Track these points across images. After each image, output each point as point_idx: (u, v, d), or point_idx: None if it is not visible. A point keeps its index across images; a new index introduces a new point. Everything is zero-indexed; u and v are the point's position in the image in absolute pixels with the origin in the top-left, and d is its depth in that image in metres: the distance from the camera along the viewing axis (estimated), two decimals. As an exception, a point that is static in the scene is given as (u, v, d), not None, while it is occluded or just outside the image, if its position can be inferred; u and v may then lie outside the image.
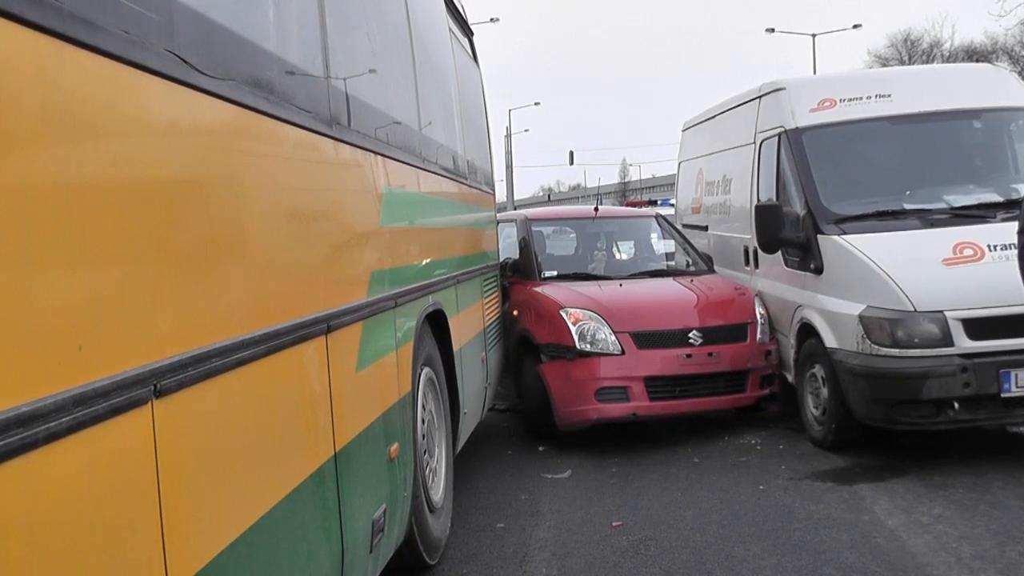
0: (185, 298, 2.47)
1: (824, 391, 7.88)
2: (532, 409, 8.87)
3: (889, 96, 8.79)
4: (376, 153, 4.60)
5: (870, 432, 7.71)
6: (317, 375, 3.48)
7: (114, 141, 2.20)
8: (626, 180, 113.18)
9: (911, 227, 7.75)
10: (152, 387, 2.22)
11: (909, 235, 7.66)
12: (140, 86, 2.31)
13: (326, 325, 3.53)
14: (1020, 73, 43.49)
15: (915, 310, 7.04)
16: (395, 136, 5.14)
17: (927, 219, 7.82)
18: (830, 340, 7.69)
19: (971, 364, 6.89)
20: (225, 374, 2.62)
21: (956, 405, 6.94)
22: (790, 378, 8.80)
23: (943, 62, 54.08)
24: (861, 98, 8.79)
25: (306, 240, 3.49)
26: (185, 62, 2.52)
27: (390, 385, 4.63)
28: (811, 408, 8.22)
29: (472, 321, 7.55)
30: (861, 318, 7.27)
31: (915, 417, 7.07)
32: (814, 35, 51.20)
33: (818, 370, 7.99)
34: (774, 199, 8.85)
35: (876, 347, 7.15)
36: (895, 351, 7.06)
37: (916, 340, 7.01)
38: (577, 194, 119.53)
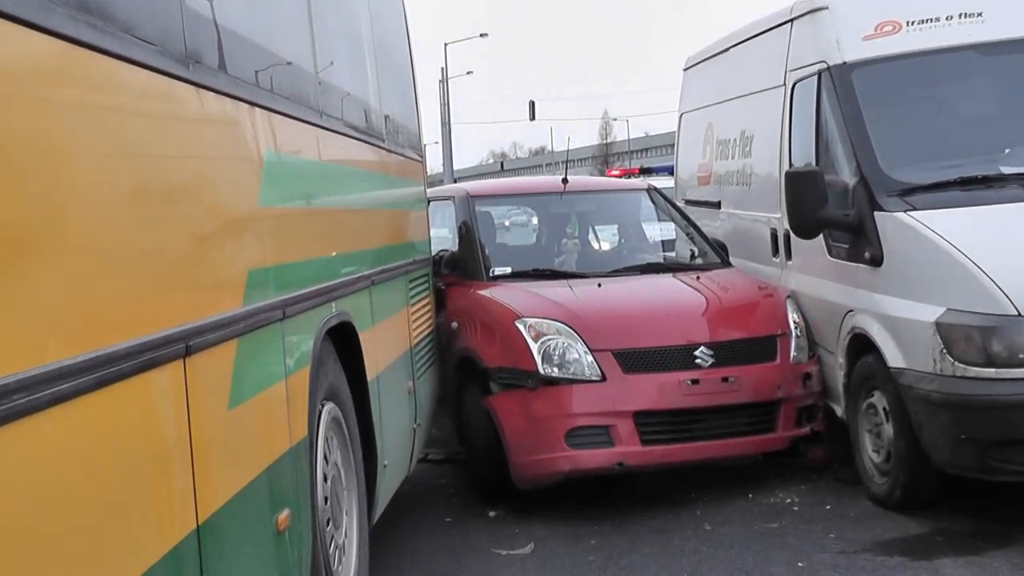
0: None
1: (888, 428, 7.88)
2: (479, 459, 8.88)
3: (979, 15, 8.79)
4: (254, 105, 4.61)
5: (956, 485, 7.72)
6: (171, 416, 3.47)
7: None
8: (608, 141, 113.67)
9: (1011, 199, 7.77)
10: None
11: (1008, 210, 7.69)
12: None
13: (184, 345, 3.53)
14: None
15: (1019, 314, 7.05)
16: (282, 81, 5.17)
17: (1033, 188, 7.89)
18: (895, 357, 7.69)
19: None
20: (32, 417, 2.58)
21: (1084, 448, 6.97)
22: (839, 411, 8.82)
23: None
24: (938, 19, 8.80)
25: (153, 227, 3.49)
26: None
27: (277, 428, 4.64)
28: (870, 452, 8.22)
29: (394, 337, 7.60)
30: (939, 326, 7.29)
31: (1021, 464, 7.08)
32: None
33: (878, 399, 8.00)
34: (813, 163, 8.90)
35: (962, 366, 7.16)
36: (990, 371, 7.08)
37: (1021, 356, 7.03)
38: (541, 160, 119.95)
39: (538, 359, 8.39)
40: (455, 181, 47.30)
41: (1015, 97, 8.65)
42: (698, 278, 9.82)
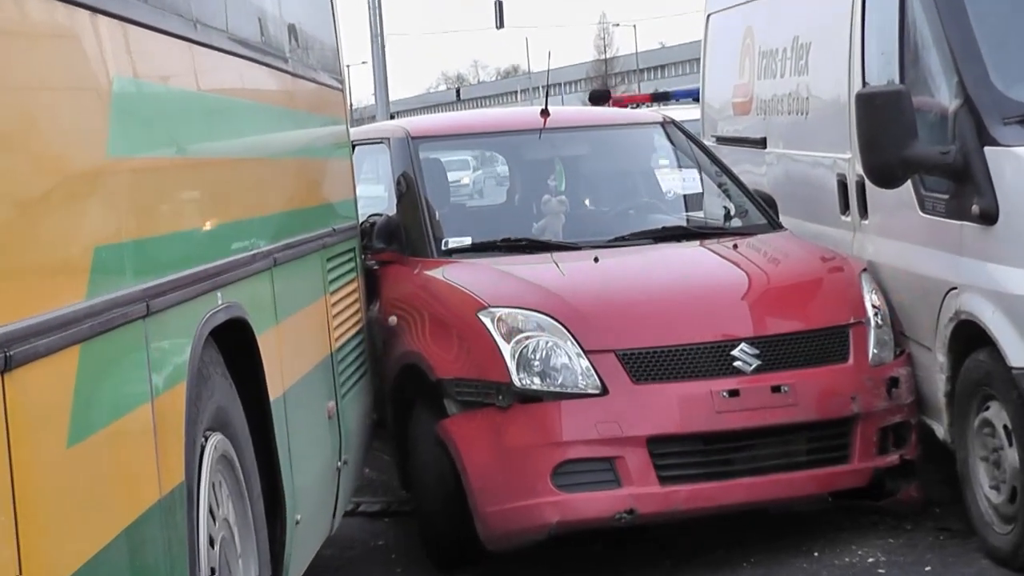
0: None
1: (1011, 454, 7.86)
2: (432, 509, 8.90)
3: None
4: (97, 10, 4.56)
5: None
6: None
7: None
8: (608, 56, 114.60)
9: None
10: None
11: None
12: None
13: (2, 356, 3.50)
14: None
15: None
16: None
17: None
18: (1018, 354, 7.59)
19: None
20: None
21: None
22: (940, 431, 8.80)
23: None
24: None
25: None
26: None
27: (140, 472, 4.63)
28: (986, 489, 8.21)
29: (307, 340, 7.75)
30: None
31: None
32: None
33: (996, 413, 8.00)
34: (896, 81, 8.81)
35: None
36: None
37: None
38: (514, 85, 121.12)
39: (512, 366, 8.38)
40: (392, 117, 47.42)
41: None
42: (735, 247, 9.97)
